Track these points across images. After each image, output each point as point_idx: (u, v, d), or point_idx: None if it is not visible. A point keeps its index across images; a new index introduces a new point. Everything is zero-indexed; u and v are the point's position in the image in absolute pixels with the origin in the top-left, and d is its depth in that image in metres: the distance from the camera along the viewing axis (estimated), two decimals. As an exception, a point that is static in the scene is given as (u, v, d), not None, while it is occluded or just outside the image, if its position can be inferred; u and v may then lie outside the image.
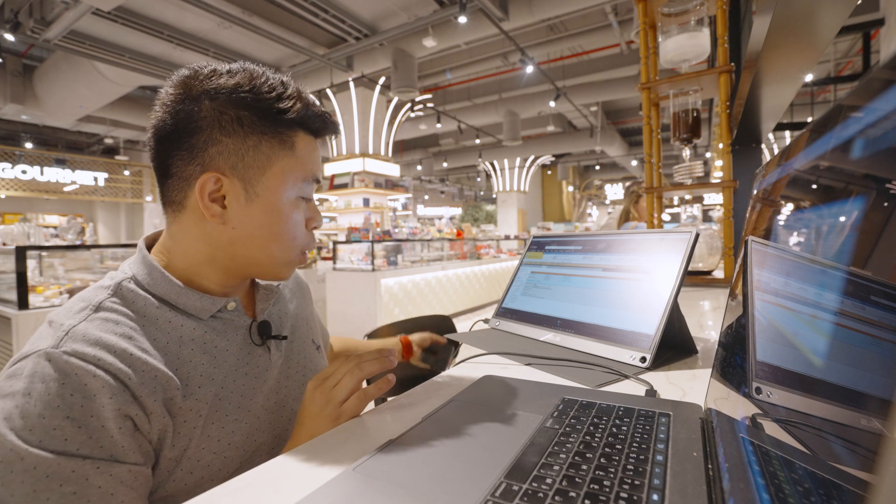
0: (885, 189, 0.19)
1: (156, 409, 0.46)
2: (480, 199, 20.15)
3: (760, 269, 0.38)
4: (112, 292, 0.51)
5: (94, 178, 10.64)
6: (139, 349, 0.47)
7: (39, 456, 0.39)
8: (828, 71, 7.80)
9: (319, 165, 0.59)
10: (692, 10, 1.52)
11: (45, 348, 0.43)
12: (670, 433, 0.41)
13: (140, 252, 0.56)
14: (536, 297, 0.91)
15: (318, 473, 0.38)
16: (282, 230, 0.55)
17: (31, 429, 0.40)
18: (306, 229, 0.59)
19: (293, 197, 0.55)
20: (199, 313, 0.54)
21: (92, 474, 0.41)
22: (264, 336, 0.60)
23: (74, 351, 0.43)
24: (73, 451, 0.41)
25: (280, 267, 0.57)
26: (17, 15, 4.89)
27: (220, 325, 0.56)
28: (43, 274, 3.25)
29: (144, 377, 0.46)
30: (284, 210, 0.55)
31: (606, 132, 11.16)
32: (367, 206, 7.57)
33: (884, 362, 0.17)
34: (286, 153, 0.54)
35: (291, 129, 0.54)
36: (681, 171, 1.61)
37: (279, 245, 0.55)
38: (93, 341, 0.45)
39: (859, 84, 0.22)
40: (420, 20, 5.48)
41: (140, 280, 0.53)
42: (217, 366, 0.53)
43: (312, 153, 0.57)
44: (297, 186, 0.55)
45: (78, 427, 0.41)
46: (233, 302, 0.57)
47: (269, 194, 0.53)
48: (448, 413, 0.48)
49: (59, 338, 0.44)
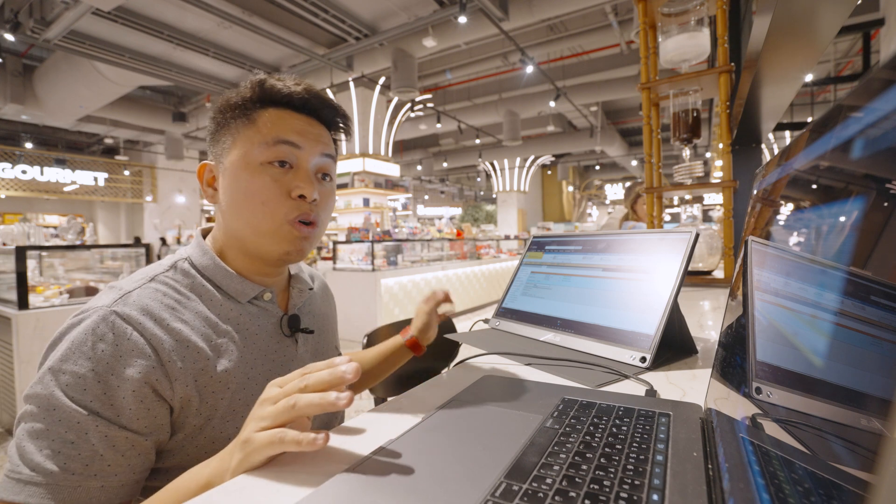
0: (885, 189, 0.19)
1: (181, 376, 0.51)
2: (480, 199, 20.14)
3: (760, 269, 0.38)
4: (169, 267, 0.59)
5: (94, 178, 10.64)
6: (179, 320, 0.53)
7: (60, 400, 0.46)
8: (828, 71, 7.80)
9: (292, 130, 0.59)
10: (692, 10, 1.52)
11: (102, 305, 0.50)
12: (670, 433, 0.41)
13: (196, 238, 0.63)
14: (536, 297, 0.91)
15: (318, 473, 0.38)
16: (246, 197, 0.57)
17: (64, 371, 0.47)
18: (290, 198, 0.58)
19: (255, 163, 0.57)
20: (238, 296, 0.60)
21: (91, 430, 0.46)
22: (293, 328, 0.64)
23: (124, 313, 0.50)
24: (86, 403, 0.46)
25: (265, 238, 0.58)
26: (17, 15, 4.89)
27: (256, 311, 0.61)
28: (43, 274, 3.25)
29: (177, 346, 0.51)
30: (244, 176, 0.57)
31: (606, 132, 11.16)
32: (367, 206, 7.57)
33: (884, 362, 0.17)
34: (246, 127, 0.58)
35: (255, 108, 0.59)
36: (681, 171, 1.61)
37: (250, 212, 0.57)
38: (140, 307, 0.51)
39: (859, 84, 0.22)
40: (420, 20, 5.48)
41: (194, 261, 0.60)
42: (248, 346, 0.58)
43: (279, 121, 0.59)
44: (257, 151, 0.57)
45: (97, 381, 0.47)
46: (269, 293, 0.63)
47: (232, 166, 0.58)
48: (448, 413, 0.48)
49: (114, 299, 0.51)
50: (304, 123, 0.60)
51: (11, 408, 2.45)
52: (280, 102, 0.60)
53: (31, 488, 0.44)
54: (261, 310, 0.62)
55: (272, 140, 0.57)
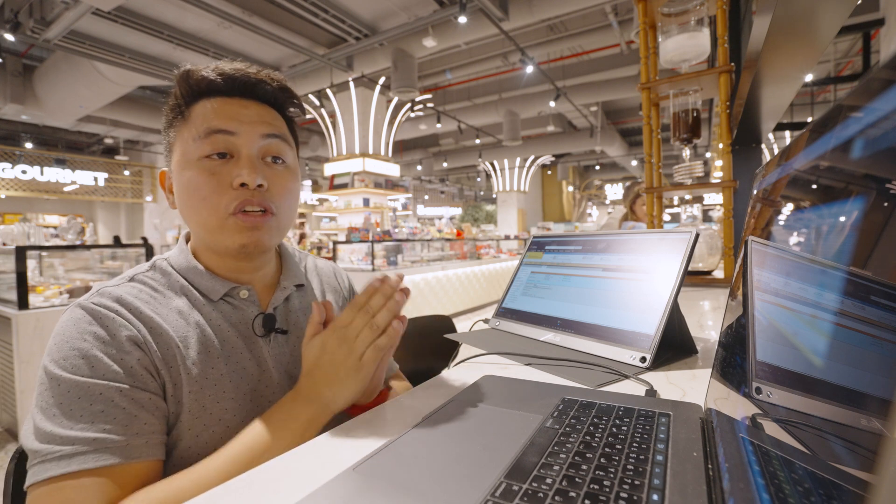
0: (885, 189, 0.19)
1: (156, 360, 0.52)
2: (480, 199, 20.14)
3: (760, 269, 0.38)
4: (149, 267, 0.61)
5: (94, 178, 10.64)
6: (152, 311, 0.54)
7: (72, 379, 0.47)
8: (828, 71, 7.80)
9: (225, 116, 0.56)
10: (692, 10, 1.52)
11: (78, 301, 0.53)
12: (670, 433, 0.41)
13: (180, 239, 0.65)
14: (536, 297, 0.91)
15: (318, 473, 0.38)
16: (188, 195, 0.56)
17: (66, 358, 0.48)
18: (233, 188, 0.55)
19: (192, 158, 0.56)
20: (210, 294, 0.59)
21: (116, 396, 0.47)
22: (268, 328, 0.61)
23: (99, 301, 0.53)
24: (100, 376, 0.48)
25: (214, 233, 0.57)
26: (17, 15, 4.89)
27: (230, 309, 0.60)
28: (43, 274, 3.25)
29: (151, 332, 0.53)
30: (184, 174, 0.56)
31: (606, 132, 11.16)
32: (367, 206, 7.57)
33: (884, 362, 0.17)
34: (183, 125, 0.58)
35: (188, 104, 0.58)
36: (681, 171, 1.61)
37: (194, 210, 0.57)
38: (115, 298, 0.54)
39: (859, 84, 0.22)
40: (420, 20, 5.48)
41: (171, 261, 0.61)
42: (219, 344, 0.57)
43: (210, 112, 0.56)
44: (190, 146, 0.56)
45: (103, 355, 0.49)
46: (245, 290, 0.62)
47: (175, 166, 0.58)
48: (448, 413, 0.48)
49: (90, 295, 0.54)
50: (238, 107, 0.57)
51: (11, 408, 2.45)
52: (209, 91, 0.58)
53: (79, 458, 0.44)
54: (236, 308, 0.60)
55: (204, 132, 0.55)
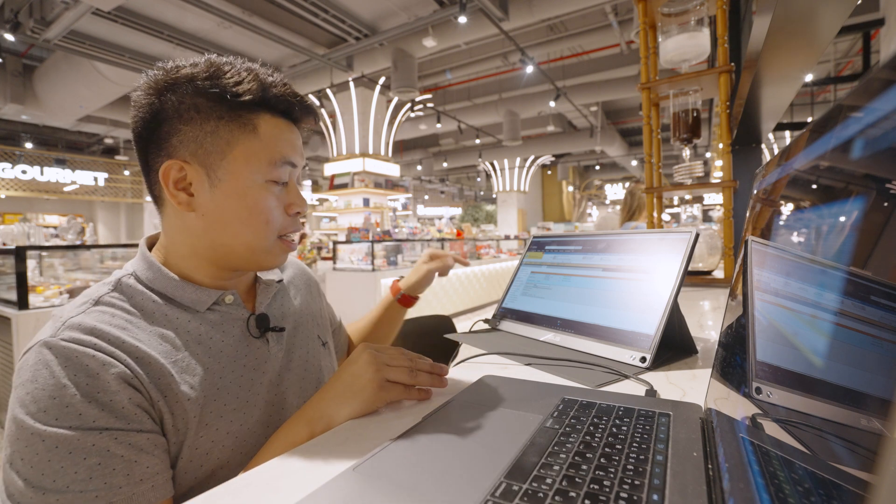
0: (885, 189, 0.19)
1: (150, 390, 0.47)
2: (480, 199, 20.14)
3: (760, 269, 0.38)
4: (112, 287, 0.53)
5: (94, 178, 10.65)
6: (133, 338, 0.48)
7: (58, 434, 0.41)
8: (828, 71, 7.80)
9: (293, 148, 0.57)
10: (692, 10, 1.52)
11: (43, 338, 0.45)
12: (670, 433, 0.41)
13: (140, 250, 0.58)
14: (536, 297, 0.91)
15: (318, 473, 0.38)
16: (250, 216, 0.54)
17: (45, 410, 0.42)
18: (286, 214, 0.57)
19: (260, 181, 0.54)
20: (196, 306, 0.55)
21: (112, 445, 0.43)
22: (262, 328, 0.60)
23: (71, 337, 0.45)
24: (90, 425, 0.42)
25: (258, 255, 0.56)
26: (17, 15, 4.89)
27: (218, 317, 0.57)
28: (43, 274, 3.25)
29: (139, 362, 0.47)
30: (251, 194, 0.53)
31: (606, 132, 11.16)
32: (367, 206, 7.57)
33: (884, 362, 0.17)
34: (247, 136, 0.53)
35: (252, 111, 0.54)
36: (681, 171, 1.61)
37: (251, 231, 0.54)
38: (87, 329, 0.46)
39: (859, 84, 0.22)
40: (420, 20, 5.48)
41: (140, 276, 0.55)
42: (214, 357, 0.54)
43: (281, 135, 0.55)
44: (264, 170, 0.54)
45: (89, 402, 0.43)
46: (230, 295, 0.58)
47: (232, 179, 0.53)
48: (448, 413, 0.48)
49: (56, 328, 0.46)
50: (296, 137, 0.58)
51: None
52: (276, 109, 0.56)
53: None
54: (223, 316, 0.57)
55: (281, 160, 0.55)
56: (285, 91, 0.55)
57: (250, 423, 0.55)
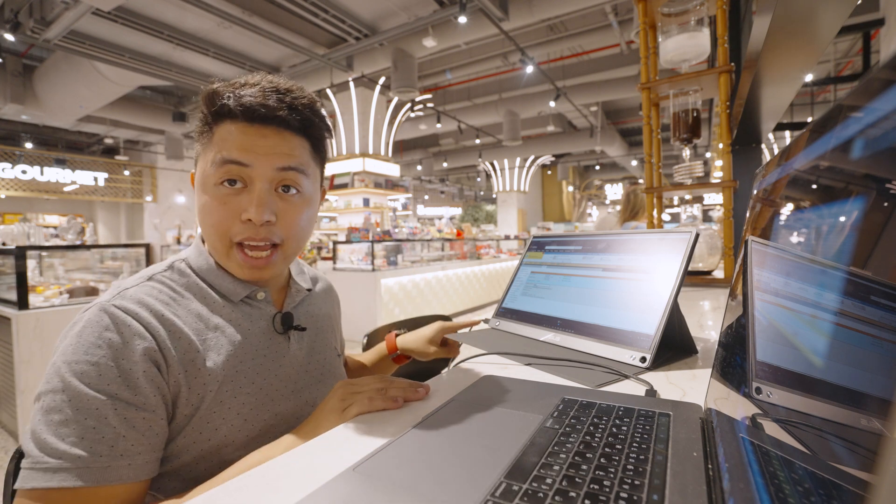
0: (885, 189, 0.19)
1: (173, 363, 0.53)
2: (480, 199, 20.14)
3: (760, 269, 0.38)
4: (167, 267, 0.61)
5: (94, 178, 10.64)
6: (172, 313, 0.56)
7: (76, 388, 0.47)
8: (828, 71, 7.80)
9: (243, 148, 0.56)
10: (692, 10, 1.52)
11: (101, 301, 0.54)
12: (670, 433, 0.41)
13: (196, 240, 0.66)
14: (536, 297, 0.90)
15: (318, 473, 0.38)
16: (202, 216, 0.59)
17: (77, 362, 0.49)
18: (240, 220, 0.57)
19: (209, 183, 0.57)
20: (231, 295, 0.62)
21: (110, 414, 0.48)
22: (286, 326, 0.65)
23: (121, 304, 0.53)
24: (104, 388, 0.48)
25: (220, 257, 0.61)
26: (17, 15, 4.89)
27: (249, 309, 0.63)
28: (43, 274, 3.25)
29: (170, 335, 0.54)
30: (201, 196, 0.59)
31: (606, 132, 11.16)
32: (367, 206, 7.57)
33: (884, 362, 0.17)
34: (208, 143, 0.59)
35: (215, 122, 0.58)
36: (681, 171, 1.61)
37: (206, 232, 0.60)
38: (136, 300, 0.54)
39: (859, 84, 0.22)
40: (420, 20, 5.47)
41: (191, 262, 0.63)
42: (239, 342, 0.60)
43: (230, 138, 0.56)
44: (209, 170, 0.57)
45: (111, 366, 0.49)
46: (262, 292, 0.65)
47: (196, 181, 0.61)
48: (448, 413, 0.48)
49: (112, 294, 0.55)
50: (256, 136, 0.56)
51: (11, 408, 2.45)
52: (231, 115, 0.57)
53: (61, 474, 0.45)
54: (254, 308, 0.63)
55: (219, 160, 0.56)
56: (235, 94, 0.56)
57: (260, 408, 0.59)
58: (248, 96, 0.56)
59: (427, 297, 5.46)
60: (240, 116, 0.56)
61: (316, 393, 0.68)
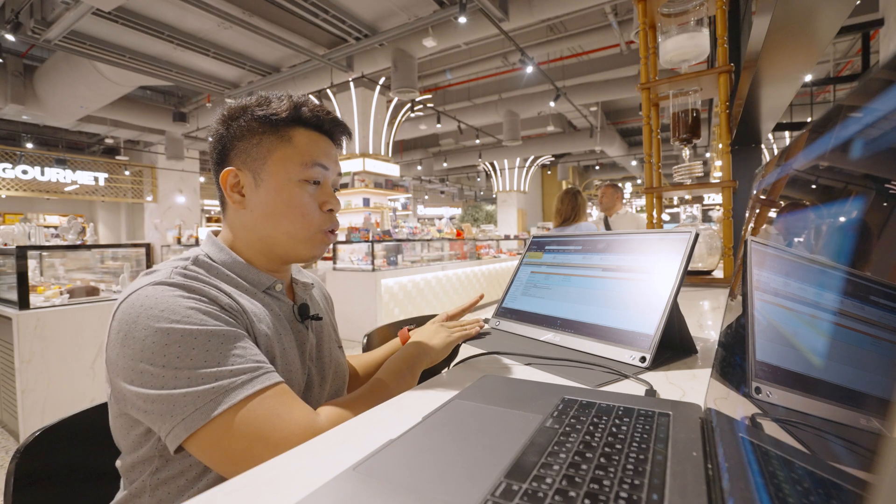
0: (884, 189, 0.19)
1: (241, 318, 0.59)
2: (480, 199, 20.13)
3: (760, 269, 0.38)
4: (191, 262, 0.63)
5: (95, 178, 10.64)
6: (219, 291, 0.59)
7: (206, 329, 0.52)
8: (827, 71, 7.80)
9: (323, 153, 0.67)
10: (692, 10, 1.52)
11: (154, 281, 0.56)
12: (670, 433, 0.41)
13: (209, 238, 0.69)
14: (536, 297, 0.91)
15: (318, 473, 0.38)
16: (287, 208, 0.65)
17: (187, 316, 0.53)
18: (322, 210, 0.67)
19: (295, 179, 0.65)
20: (256, 286, 0.66)
21: (242, 339, 0.55)
22: (303, 316, 0.71)
23: (179, 279, 0.57)
24: (226, 323, 0.55)
25: (299, 244, 0.67)
26: (17, 15, 4.89)
27: (271, 300, 0.68)
28: (43, 274, 3.25)
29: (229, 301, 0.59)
30: (286, 190, 0.65)
31: (606, 132, 11.16)
32: (367, 206, 7.57)
33: (884, 362, 0.17)
34: (283, 144, 0.65)
35: (288, 125, 0.66)
36: (681, 171, 1.61)
37: (289, 222, 0.65)
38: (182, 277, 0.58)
39: (859, 84, 0.23)
40: (420, 20, 5.47)
41: (211, 256, 0.66)
42: (273, 327, 0.64)
43: (312, 143, 0.67)
44: (297, 170, 0.65)
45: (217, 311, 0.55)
46: (280, 284, 0.70)
47: (271, 178, 0.65)
48: (448, 413, 0.49)
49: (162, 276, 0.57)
50: (329, 146, 0.69)
51: (12, 407, 2.45)
52: (310, 124, 0.67)
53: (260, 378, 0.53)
54: (274, 299, 0.69)
55: (311, 162, 0.66)
56: (316, 109, 0.67)
57: None
58: (318, 109, 0.67)
59: (427, 297, 5.46)
60: (319, 128, 0.68)
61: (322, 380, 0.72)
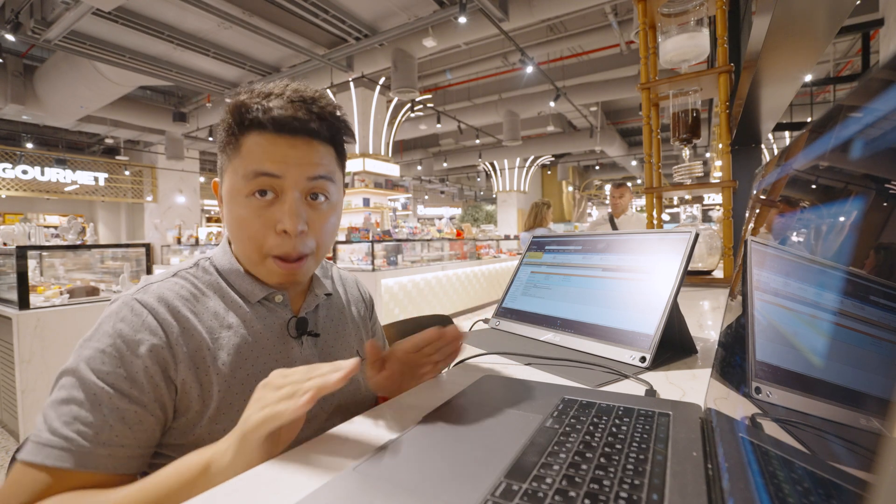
0: (884, 189, 0.19)
1: (184, 360, 0.54)
2: (480, 199, 20.13)
3: (760, 269, 0.38)
4: (193, 265, 0.64)
5: (95, 178, 10.64)
6: (189, 310, 0.58)
7: (81, 372, 0.50)
8: (827, 71, 7.80)
9: (273, 159, 0.56)
10: (692, 10, 1.52)
11: (128, 294, 0.57)
12: (670, 433, 0.41)
13: (223, 241, 0.67)
14: (536, 297, 0.91)
15: (318, 473, 0.38)
16: (236, 228, 0.59)
17: (88, 348, 0.52)
18: (276, 232, 0.57)
19: (240, 195, 0.57)
20: (249, 296, 0.62)
21: (105, 401, 0.49)
22: (300, 331, 0.65)
23: (141, 299, 0.56)
24: (104, 376, 0.50)
25: (257, 268, 0.61)
26: (17, 15, 4.89)
27: (265, 311, 0.63)
28: (43, 274, 3.25)
29: (184, 332, 0.56)
30: (234, 207, 0.58)
31: (606, 132, 11.15)
32: (367, 206, 7.57)
33: (883, 362, 0.17)
34: (235, 154, 0.58)
35: (242, 133, 0.57)
36: (681, 171, 1.61)
37: (239, 243, 0.61)
38: (157, 296, 0.57)
39: (859, 84, 0.23)
40: (420, 20, 5.47)
41: (215, 261, 0.64)
42: (251, 343, 0.60)
43: (260, 150, 0.56)
44: (241, 183, 0.57)
45: (115, 356, 0.51)
46: (280, 295, 0.64)
47: (225, 193, 0.60)
48: (448, 413, 0.48)
49: (138, 288, 0.58)
50: (286, 147, 0.56)
51: (12, 407, 2.45)
52: (260, 126, 0.56)
53: (47, 450, 0.47)
54: (269, 311, 0.63)
55: (251, 173, 0.56)
56: (263, 106, 0.56)
57: None
58: (276, 108, 0.56)
59: (427, 297, 5.45)
60: (269, 127, 0.56)
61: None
